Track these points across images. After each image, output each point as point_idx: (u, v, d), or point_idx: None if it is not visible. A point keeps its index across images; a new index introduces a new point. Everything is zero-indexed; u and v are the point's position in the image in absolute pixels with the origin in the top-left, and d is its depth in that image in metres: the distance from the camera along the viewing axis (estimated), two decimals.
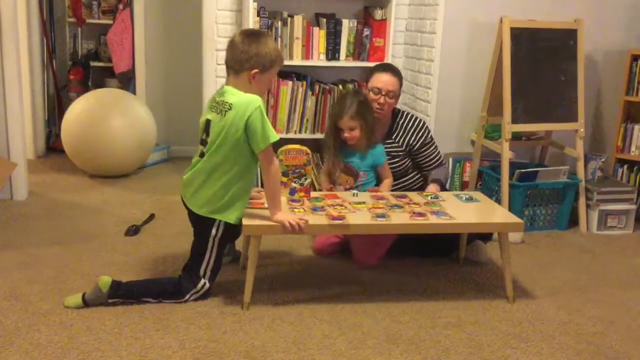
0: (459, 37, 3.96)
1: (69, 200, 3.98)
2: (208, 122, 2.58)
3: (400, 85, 3.35)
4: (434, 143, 3.42)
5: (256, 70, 2.53)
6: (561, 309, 2.75)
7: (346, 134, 3.08)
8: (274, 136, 2.51)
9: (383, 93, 3.24)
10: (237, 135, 2.49)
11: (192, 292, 2.62)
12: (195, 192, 2.62)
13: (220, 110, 2.53)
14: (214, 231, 2.60)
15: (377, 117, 3.23)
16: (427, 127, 3.43)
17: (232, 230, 2.66)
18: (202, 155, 2.60)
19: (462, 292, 2.86)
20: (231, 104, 2.50)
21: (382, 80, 3.26)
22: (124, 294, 2.57)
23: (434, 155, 3.40)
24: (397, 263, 3.12)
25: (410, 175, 3.41)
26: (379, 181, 3.23)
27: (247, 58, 2.52)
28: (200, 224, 2.62)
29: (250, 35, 2.57)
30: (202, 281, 2.62)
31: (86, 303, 2.55)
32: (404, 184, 3.37)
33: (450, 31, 3.90)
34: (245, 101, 2.49)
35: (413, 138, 3.35)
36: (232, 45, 2.57)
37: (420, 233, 2.91)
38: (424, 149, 3.37)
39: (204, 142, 2.60)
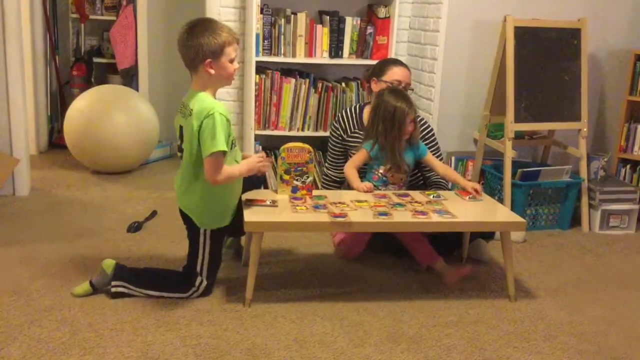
0: (462, 36, 3.95)
1: (71, 197, 3.99)
2: (181, 127, 2.57)
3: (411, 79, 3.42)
4: (435, 144, 3.41)
5: (209, 60, 2.45)
6: (563, 309, 2.75)
7: (409, 128, 3.04)
8: (221, 146, 2.41)
9: (403, 85, 3.27)
10: (196, 142, 2.46)
11: (192, 290, 2.63)
12: (180, 194, 2.65)
13: (185, 115, 2.52)
14: (202, 228, 2.60)
15: None
16: (429, 126, 3.43)
17: (223, 227, 2.65)
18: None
19: (464, 291, 2.86)
20: (192, 110, 2.47)
21: (401, 73, 3.30)
22: (128, 278, 2.60)
23: (433, 151, 3.39)
24: (399, 261, 3.12)
25: (413, 172, 3.40)
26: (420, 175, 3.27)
27: (195, 52, 2.44)
28: (190, 220, 2.64)
29: (189, 30, 2.48)
30: (199, 279, 2.62)
31: (94, 287, 2.60)
32: (414, 180, 3.36)
33: (453, 29, 3.90)
34: (203, 107, 2.44)
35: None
36: (179, 47, 2.51)
37: (423, 232, 2.92)
38: (424, 143, 3.36)
39: (180, 149, 2.60)
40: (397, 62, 3.39)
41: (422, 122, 3.40)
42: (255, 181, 2.87)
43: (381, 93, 3.13)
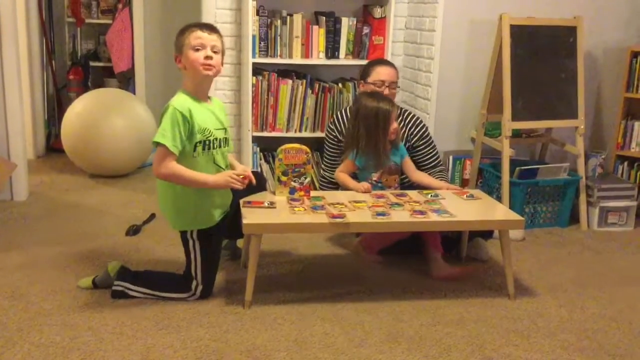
0: (458, 35, 3.95)
1: (69, 201, 3.98)
2: None
3: (398, 77, 3.41)
4: (432, 142, 3.41)
5: (176, 55, 2.53)
6: (562, 306, 2.75)
7: (395, 126, 3.04)
8: (161, 138, 2.39)
9: (387, 85, 3.28)
10: None
11: (189, 293, 2.63)
12: (159, 196, 2.67)
13: None
14: (188, 231, 2.60)
15: None
16: (425, 124, 3.43)
17: (210, 229, 2.62)
18: None
19: (464, 290, 2.86)
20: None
21: (384, 72, 3.31)
22: (129, 278, 2.63)
23: (432, 154, 3.39)
24: (398, 261, 3.12)
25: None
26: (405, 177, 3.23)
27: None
28: None
29: None
30: (194, 282, 2.62)
31: (95, 285, 2.66)
32: (403, 181, 3.36)
33: (449, 29, 3.90)
34: (167, 104, 2.48)
35: (411, 133, 3.36)
36: None
37: (421, 231, 2.92)
38: (422, 144, 3.37)
39: None
40: (380, 62, 3.41)
41: (418, 122, 3.41)
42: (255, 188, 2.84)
43: (358, 98, 3.15)
